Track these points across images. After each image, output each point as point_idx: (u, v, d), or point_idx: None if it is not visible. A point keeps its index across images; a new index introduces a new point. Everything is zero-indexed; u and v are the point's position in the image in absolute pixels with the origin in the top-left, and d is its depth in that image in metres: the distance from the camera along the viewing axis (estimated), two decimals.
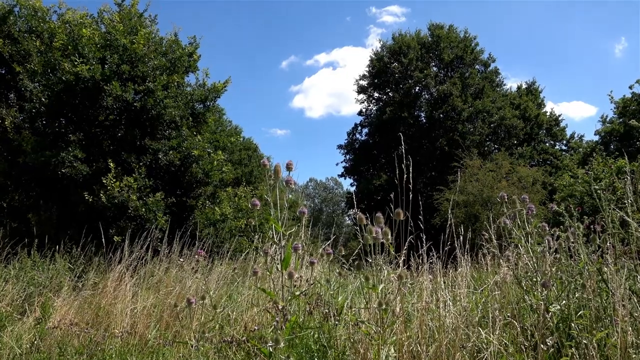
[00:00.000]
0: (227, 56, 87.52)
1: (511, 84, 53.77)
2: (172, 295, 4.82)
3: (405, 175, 3.66)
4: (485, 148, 29.69)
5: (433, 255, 4.25)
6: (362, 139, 34.21)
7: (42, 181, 8.56)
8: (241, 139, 29.99)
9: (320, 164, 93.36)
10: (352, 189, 36.47)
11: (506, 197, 3.47)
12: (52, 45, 9.01)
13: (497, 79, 31.83)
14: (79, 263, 6.31)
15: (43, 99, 8.74)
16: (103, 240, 6.35)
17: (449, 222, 3.99)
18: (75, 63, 8.63)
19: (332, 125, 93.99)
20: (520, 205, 3.38)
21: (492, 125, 29.70)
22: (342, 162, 34.68)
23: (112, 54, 9.05)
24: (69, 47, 8.95)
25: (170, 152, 9.15)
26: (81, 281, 5.77)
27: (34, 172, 8.46)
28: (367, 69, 33.31)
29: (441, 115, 29.35)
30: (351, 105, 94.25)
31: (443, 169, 27.04)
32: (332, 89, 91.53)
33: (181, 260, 5.31)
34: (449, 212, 4.18)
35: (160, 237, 7.08)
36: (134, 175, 8.47)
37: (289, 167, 2.75)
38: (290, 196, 2.76)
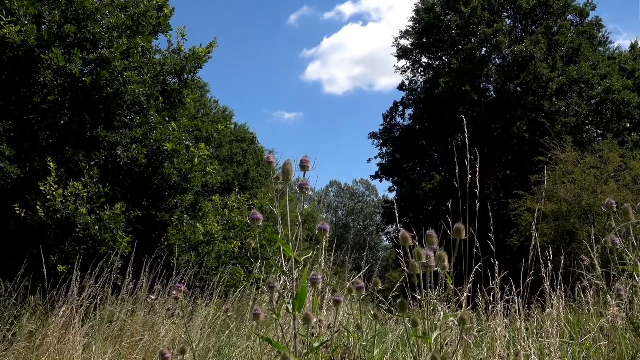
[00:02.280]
0: (211, 10, 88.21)
1: (621, 41, 53.04)
2: (140, 349, 4.89)
3: (469, 176, 3.67)
4: (584, 135, 29.40)
5: (510, 290, 4.23)
6: (405, 124, 34.25)
7: None
8: (232, 127, 30.25)
9: (346, 160, 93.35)
10: (392, 195, 36.39)
11: (615, 204, 3.44)
12: None
13: (600, 35, 31.51)
14: (9, 304, 6.43)
15: None
16: (44, 271, 6.45)
17: (532, 243, 3.97)
18: (1, 23, 8.81)
19: (362, 105, 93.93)
20: (635, 218, 3.35)
21: (593, 102, 29.37)
22: (376, 158, 34.80)
23: (52, 10, 9.22)
24: None
25: (134, 146, 9.28)
26: (12, 330, 5.87)
27: None
28: (411, 23, 33.31)
29: (519, 89, 29.15)
30: (389, 76, 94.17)
31: (522, 166, 26.84)
32: (362, 54, 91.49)
33: (152, 298, 5.38)
34: (533, 227, 4.16)
35: (121, 266, 7.18)
36: (83, 179, 8.61)
37: (303, 166, 2.78)
38: (305, 207, 2.79)
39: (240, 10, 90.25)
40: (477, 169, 3.72)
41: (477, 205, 3.67)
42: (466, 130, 4.13)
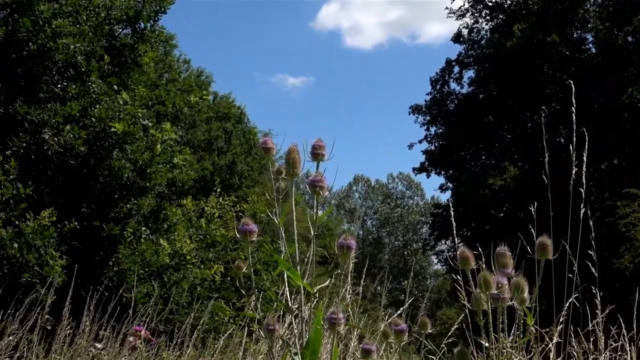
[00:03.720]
0: None
1: None
2: None
3: (574, 169, 3.66)
4: None
5: (619, 334, 4.22)
6: (464, 92, 34.17)
7: None
8: (210, 99, 30.27)
9: (377, 146, 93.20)
10: (445, 197, 36.23)
11: None
12: None
13: None
14: None
15: None
16: None
17: None
18: None
19: (399, 64, 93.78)
20: None
21: None
22: (421, 142, 34.69)
23: None
24: None
25: (68, 127, 9.32)
26: None
27: None
28: None
29: (630, 39, 28.97)
30: (439, 22, 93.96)
31: (636, 152, 26.67)
32: None
33: (98, 348, 5.41)
34: None
35: (54, 302, 7.21)
36: None
37: (315, 154, 2.78)
38: (319, 214, 2.80)
39: None
40: (585, 158, 3.70)
41: (583, 212, 3.67)
42: (573, 101, 4.08)
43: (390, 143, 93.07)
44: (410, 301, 4.90)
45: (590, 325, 4.12)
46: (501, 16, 32.83)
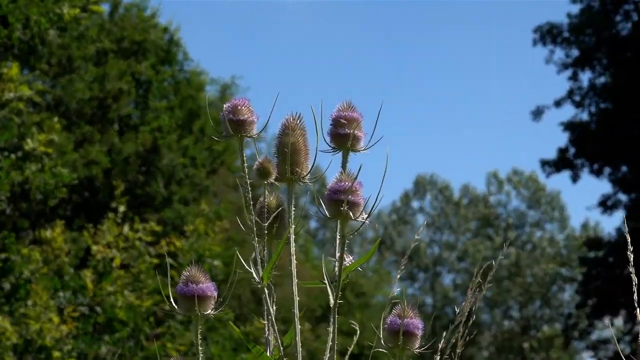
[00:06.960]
0: None
1: None
2: None
3: None
4: None
5: None
6: None
7: None
8: (105, 11, 30.42)
9: (462, 119, 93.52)
10: (612, 223, 36.36)
11: None
12: None
13: None
14: None
15: None
16: None
17: None
18: None
19: None
20: None
21: None
22: (558, 106, 34.85)
23: None
24: None
25: None
26: None
27: None
28: None
29: None
30: None
31: None
32: None
33: None
34: None
35: None
36: None
37: (341, 134, 2.83)
38: (347, 261, 2.85)
39: None
40: None
41: None
42: None
43: (489, 108, 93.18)
44: None
45: None
46: None
